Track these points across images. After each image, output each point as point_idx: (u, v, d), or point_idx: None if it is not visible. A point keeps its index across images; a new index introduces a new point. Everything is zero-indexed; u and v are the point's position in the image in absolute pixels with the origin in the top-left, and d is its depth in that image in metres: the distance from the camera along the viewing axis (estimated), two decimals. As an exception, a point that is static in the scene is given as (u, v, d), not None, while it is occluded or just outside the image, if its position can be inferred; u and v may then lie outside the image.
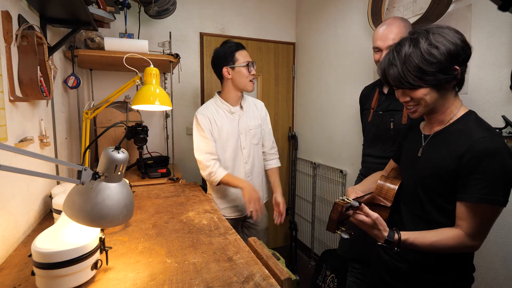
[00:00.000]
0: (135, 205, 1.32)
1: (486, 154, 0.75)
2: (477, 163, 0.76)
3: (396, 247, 0.82)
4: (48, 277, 0.68)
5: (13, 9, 1.00)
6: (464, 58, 0.81)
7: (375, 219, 0.81)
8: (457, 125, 0.84)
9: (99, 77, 2.21)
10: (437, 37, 0.79)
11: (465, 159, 0.78)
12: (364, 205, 0.82)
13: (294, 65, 2.82)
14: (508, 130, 1.16)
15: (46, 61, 1.12)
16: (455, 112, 0.86)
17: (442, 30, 0.80)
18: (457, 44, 0.78)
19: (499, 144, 0.76)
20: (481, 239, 0.80)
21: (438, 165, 0.84)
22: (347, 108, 2.11)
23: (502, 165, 0.75)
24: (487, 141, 0.76)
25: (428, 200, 0.88)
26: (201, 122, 1.55)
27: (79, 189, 0.68)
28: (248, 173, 1.63)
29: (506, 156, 0.75)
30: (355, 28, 2.02)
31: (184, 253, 0.91)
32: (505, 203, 0.77)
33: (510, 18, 1.15)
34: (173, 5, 2.10)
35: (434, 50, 0.78)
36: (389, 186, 0.97)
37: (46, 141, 1.23)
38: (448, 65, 0.78)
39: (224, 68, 1.55)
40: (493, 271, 1.24)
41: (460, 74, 0.81)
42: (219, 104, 1.61)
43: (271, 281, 0.76)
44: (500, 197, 0.76)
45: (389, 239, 0.82)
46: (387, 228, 0.84)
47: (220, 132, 1.56)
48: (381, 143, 1.41)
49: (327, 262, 2.02)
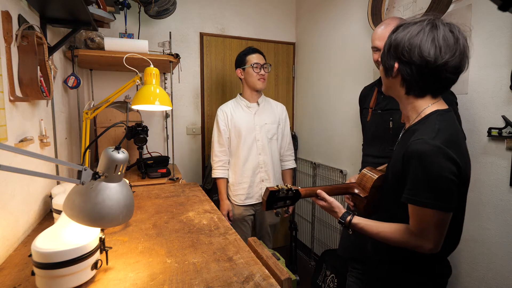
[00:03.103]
0: (135, 205, 1.32)
1: (413, 156, 0.75)
2: (408, 164, 0.77)
3: (349, 229, 0.91)
4: (48, 277, 0.68)
5: (13, 9, 1.00)
6: (410, 62, 0.78)
7: (330, 202, 0.94)
8: (416, 125, 0.83)
9: (99, 77, 2.21)
10: (405, 27, 0.81)
11: (404, 160, 0.79)
12: (321, 191, 0.96)
13: (294, 65, 2.82)
14: (508, 130, 1.17)
15: (46, 61, 1.12)
16: (420, 110, 0.84)
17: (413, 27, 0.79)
18: (410, 44, 0.78)
19: (431, 147, 0.73)
20: (428, 240, 0.77)
21: (394, 162, 0.87)
22: (347, 108, 2.11)
23: (425, 167, 0.73)
24: (419, 143, 0.75)
25: (390, 195, 0.90)
26: (218, 115, 1.81)
27: (79, 189, 0.68)
28: (261, 164, 1.80)
29: (435, 159, 0.73)
30: (355, 28, 2.02)
31: (184, 253, 0.91)
32: (436, 206, 0.73)
33: (510, 18, 1.15)
34: (173, 5, 2.10)
35: (393, 34, 0.83)
36: (369, 177, 0.98)
37: (46, 141, 1.23)
38: (388, 55, 0.84)
39: (238, 70, 1.82)
40: (493, 271, 1.24)
41: (398, 72, 0.82)
42: (238, 101, 1.85)
43: (271, 281, 0.76)
44: (424, 199, 0.74)
45: (341, 220, 0.91)
46: (342, 210, 0.93)
47: (236, 123, 1.78)
48: (380, 142, 1.41)
49: (327, 262, 2.02)
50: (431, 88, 0.82)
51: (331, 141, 2.32)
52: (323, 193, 0.96)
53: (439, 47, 0.75)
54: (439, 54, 0.75)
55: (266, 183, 1.80)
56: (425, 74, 0.78)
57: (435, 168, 0.73)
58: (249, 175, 1.77)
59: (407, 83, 0.83)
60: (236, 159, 1.79)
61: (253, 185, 1.78)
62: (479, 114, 1.28)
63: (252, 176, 1.78)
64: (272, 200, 0.92)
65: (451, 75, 0.78)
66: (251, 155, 1.78)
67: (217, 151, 1.80)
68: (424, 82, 0.81)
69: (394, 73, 0.83)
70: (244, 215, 1.81)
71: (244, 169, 1.77)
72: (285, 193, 0.93)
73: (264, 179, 1.80)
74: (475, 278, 1.31)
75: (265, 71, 1.76)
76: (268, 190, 0.91)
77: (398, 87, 0.86)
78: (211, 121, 2.48)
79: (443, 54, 0.75)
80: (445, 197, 0.74)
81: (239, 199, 1.79)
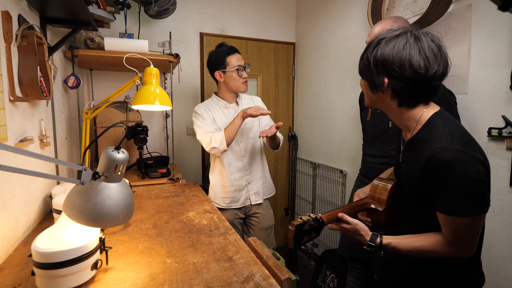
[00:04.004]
0: (135, 205, 1.32)
1: (441, 167, 0.73)
2: (435, 175, 0.75)
3: (380, 251, 0.83)
4: (48, 277, 0.68)
5: (13, 9, 1.00)
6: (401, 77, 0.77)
7: (355, 225, 0.85)
8: (422, 133, 0.82)
9: (99, 77, 2.21)
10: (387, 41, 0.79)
11: (427, 171, 0.77)
12: (343, 215, 0.86)
13: (294, 65, 2.82)
14: (508, 130, 1.17)
15: (46, 61, 1.12)
16: (417, 117, 0.83)
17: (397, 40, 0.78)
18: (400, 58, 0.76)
19: (455, 152, 0.72)
20: (465, 246, 0.77)
21: (411, 173, 0.84)
22: (347, 108, 2.11)
23: (459, 176, 0.72)
24: (442, 151, 0.73)
25: (413, 205, 0.88)
26: (200, 112, 1.64)
27: (79, 189, 0.68)
28: (246, 166, 1.70)
29: (464, 165, 0.72)
30: (355, 28, 2.02)
31: (184, 253, 0.91)
32: (475, 212, 0.73)
33: (510, 18, 1.15)
34: (173, 5, 2.10)
35: (374, 49, 0.80)
36: (382, 188, 0.95)
37: (46, 141, 1.23)
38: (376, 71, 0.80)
39: (216, 72, 1.64)
40: (493, 271, 1.24)
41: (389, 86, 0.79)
42: (215, 102, 1.72)
43: (271, 281, 0.76)
44: (464, 208, 0.73)
45: (371, 243, 0.83)
46: (369, 232, 0.85)
47: (218, 124, 1.63)
48: (379, 142, 1.41)
49: (327, 262, 2.02)
50: (423, 97, 0.82)
51: (331, 141, 2.32)
52: (346, 216, 0.87)
53: (426, 59, 0.76)
54: (429, 65, 0.76)
55: (252, 185, 1.70)
56: (418, 85, 0.78)
57: (466, 173, 0.72)
58: (234, 178, 1.66)
59: (400, 96, 0.81)
60: (219, 162, 1.68)
61: (239, 188, 1.67)
62: (479, 114, 1.28)
63: (238, 180, 1.67)
64: (299, 235, 0.82)
65: (439, 82, 0.79)
66: (234, 159, 1.67)
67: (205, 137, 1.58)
68: (417, 93, 0.80)
69: (384, 88, 0.81)
70: (231, 219, 1.68)
71: (229, 172, 1.66)
72: (311, 224, 0.83)
73: (250, 181, 1.69)
74: (475, 278, 1.30)
75: (246, 72, 1.64)
76: (293, 225, 0.81)
77: (388, 100, 0.84)
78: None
79: (432, 64, 0.76)
80: (481, 200, 0.74)
81: (224, 202, 1.68)
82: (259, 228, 1.73)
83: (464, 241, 0.77)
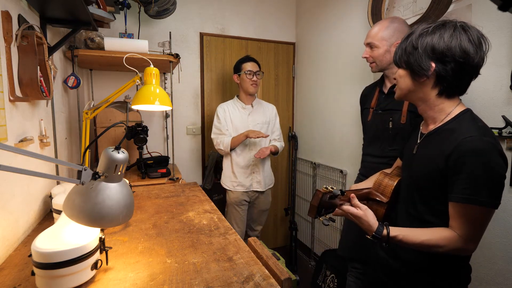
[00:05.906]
0: (135, 205, 1.32)
1: (472, 154, 0.75)
2: (462, 162, 0.76)
3: (385, 243, 0.83)
4: (48, 277, 0.68)
5: (13, 9, 1.00)
6: (451, 61, 0.79)
7: (364, 210, 0.85)
8: (450, 124, 0.84)
9: (99, 77, 2.21)
10: (433, 29, 0.81)
11: (452, 158, 0.77)
12: (354, 196, 0.85)
13: (294, 65, 2.82)
14: (508, 130, 1.16)
15: (46, 61, 1.12)
16: (449, 111, 0.85)
17: (444, 30, 0.80)
18: (451, 43, 0.79)
19: (487, 143, 0.74)
20: (473, 242, 0.79)
21: (428, 164, 0.84)
22: (347, 108, 2.11)
23: (486, 165, 0.73)
24: (474, 140, 0.75)
25: (420, 199, 0.88)
26: (218, 113, 2.04)
27: (79, 189, 0.68)
28: (252, 158, 2.04)
29: (493, 157, 0.74)
30: (355, 28, 2.02)
31: (184, 253, 0.91)
32: (492, 205, 0.75)
33: (510, 18, 1.15)
34: (173, 5, 2.10)
35: (422, 37, 0.82)
36: (387, 182, 0.97)
37: (46, 141, 1.23)
38: (425, 56, 0.82)
39: (234, 75, 2.07)
40: (493, 270, 1.24)
41: (435, 72, 0.81)
42: (235, 102, 2.11)
43: (271, 281, 0.76)
44: (484, 197, 0.74)
45: (377, 234, 0.83)
46: (376, 222, 0.85)
47: (232, 122, 2.03)
48: (380, 142, 1.41)
49: (327, 262, 2.02)
50: (463, 87, 0.84)
51: (331, 141, 2.32)
52: (355, 199, 0.87)
53: (475, 45, 0.79)
54: (477, 51, 0.79)
55: (256, 175, 2.06)
56: (465, 71, 0.80)
57: (494, 165, 0.74)
58: (242, 166, 2.04)
59: (445, 82, 0.82)
60: (232, 152, 2.05)
61: (244, 175, 2.05)
62: (479, 114, 1.25)
63: (245, 168, 2.04)
64: (322, 205, 0.81)
65: (478, 74, 0.83)
66: (244, 151, 2.05)
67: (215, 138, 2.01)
68: (461, 80, 0.82)
69: (430, 73, 0.82)
70: (240, 199, 2.05)
71: (238, 161, 2.04)
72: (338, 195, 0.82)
73: (254, 171, 2.06)
74: (475, 278, 1.30)
75: (257, 77, 2.00)
76: (321, 192, 0.80)
77: (427, 89, 0.85)
78: (211, 121, 2.47)
79: (479, 51, 0.79)
80: (498, 194, 0.76)
81: (232, 185, 2.06)
82: (258, 210, 2.15)
83: (476, 235, 0.78)
